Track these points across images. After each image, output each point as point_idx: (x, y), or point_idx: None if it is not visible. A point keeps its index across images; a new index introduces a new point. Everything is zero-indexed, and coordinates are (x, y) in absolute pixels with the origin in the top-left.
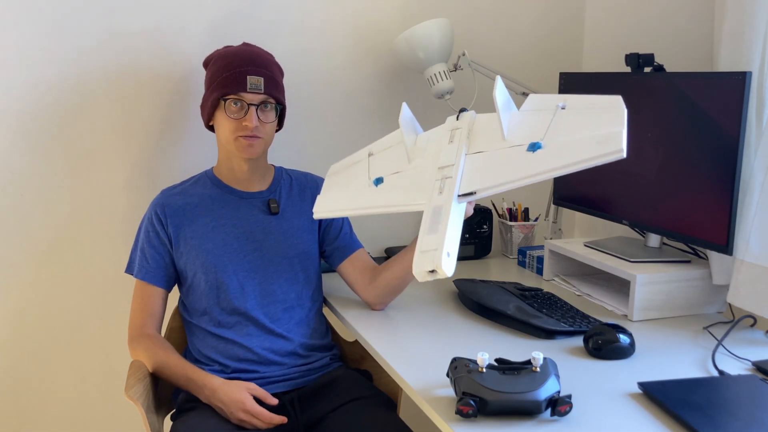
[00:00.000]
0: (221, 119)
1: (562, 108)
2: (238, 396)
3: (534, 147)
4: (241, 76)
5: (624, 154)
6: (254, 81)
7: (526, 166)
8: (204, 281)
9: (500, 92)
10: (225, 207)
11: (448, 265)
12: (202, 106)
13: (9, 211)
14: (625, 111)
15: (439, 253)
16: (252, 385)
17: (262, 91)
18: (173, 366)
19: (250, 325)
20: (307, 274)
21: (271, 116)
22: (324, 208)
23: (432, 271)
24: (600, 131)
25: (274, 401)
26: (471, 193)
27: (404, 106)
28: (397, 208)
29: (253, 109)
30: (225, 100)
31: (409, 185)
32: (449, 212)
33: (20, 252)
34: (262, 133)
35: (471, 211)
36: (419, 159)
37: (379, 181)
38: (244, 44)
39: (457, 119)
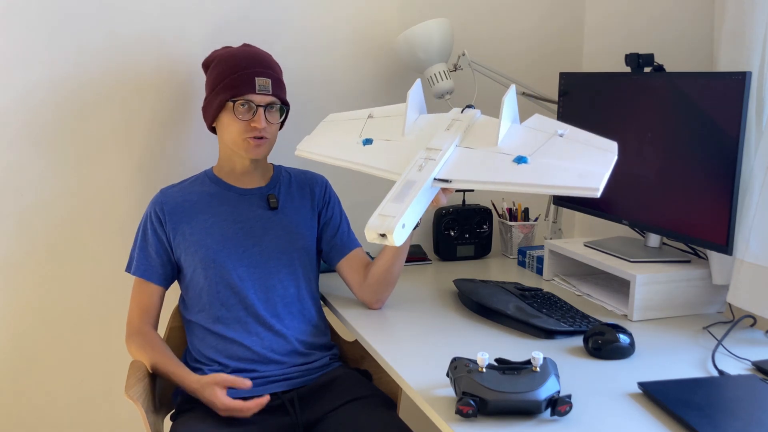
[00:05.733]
0: (228, 121)
1: (560, 135)
2: (211, 399)
3: (520, 160)
4: (249, 77)
5: (598, 195)
6: (262, 82)
7: (506, 174)
8: (203, 277)
9: (509, 101)
10: (224, 203)
11: (399, 235)
12: (205, 108)
13: (9, 210)
14: (615, 157)
15: (396, 221)
16: (220, 378)
17: (270, 93)
18: (160, 365)
19: (250, 322)
20: (306, 270)
21: (277, 117)
22: (308, 148)
23: (383, 235)
24: (585, 166)
25: (247, 384)
26: (447, 181)
27: (418, 82)
28: (375, 171)
29: (261, 110)
30: (234, 102)
31: (394, 155)
32: (419, 189)
33: (20, 252)
34: (269, 134)
35: (444, 202)
36: (413, 136)
37: (368, 141)
38: (245, 45)
39: (462, 112)
